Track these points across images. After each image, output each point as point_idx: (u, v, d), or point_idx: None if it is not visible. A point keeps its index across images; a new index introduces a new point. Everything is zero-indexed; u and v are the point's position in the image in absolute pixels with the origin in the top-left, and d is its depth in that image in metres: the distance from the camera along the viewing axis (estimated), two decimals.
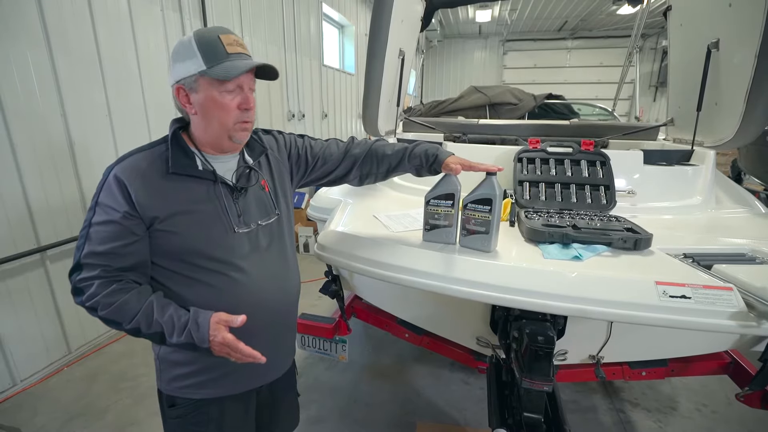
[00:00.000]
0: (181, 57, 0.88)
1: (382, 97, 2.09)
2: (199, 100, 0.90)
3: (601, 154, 1.66)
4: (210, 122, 0.93)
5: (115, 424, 2.10)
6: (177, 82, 0.90)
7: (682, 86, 2.12)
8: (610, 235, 1.21)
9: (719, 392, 2.33)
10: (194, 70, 0.87)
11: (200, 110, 0.91)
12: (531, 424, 1.42)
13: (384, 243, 1.29)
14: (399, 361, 2.65)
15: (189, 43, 0.88)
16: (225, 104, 0.91)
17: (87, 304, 0.89)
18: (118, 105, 2.83)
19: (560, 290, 1.02)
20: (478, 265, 1.12)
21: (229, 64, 0.88)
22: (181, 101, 0.91)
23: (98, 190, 0.90)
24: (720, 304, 0.95)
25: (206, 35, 0.89)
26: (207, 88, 0.89)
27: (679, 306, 0.95)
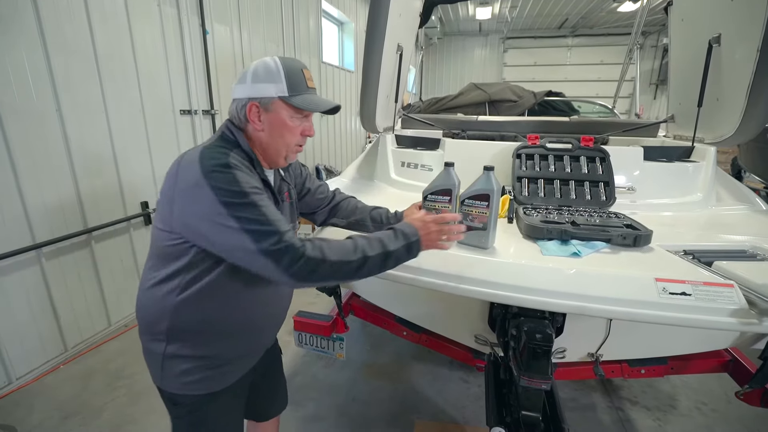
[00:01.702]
0: (265, 78, 0.97)
1: (380, 93, 2.06)
2: (269, 119, 0.99)
3: (601, 150, 1.64)
4: (274, 140, 1.01)
5: (111, 423, 2.08)
6: (252, 100, 0.97)
7: (683, 82, 2.10)
8: (610, 231, 1.19)
9: (719, 390, 2.32)
10: (275, 93, 0.96)
11: (268, 128, 1.00)
12: (529, 423, 1.41)
13: None
14: (397, 359, 2.64)
15: (276, 69, 0.97)
16: (293, 128, 1.01)
17: (310, 253, 0.87)
18: (115, 102, 2.81)
19: (559, 287, 1.01)
20: (475, 262, 1.11)
21: (309, 97, 1.00)
22: (251, 117, 0.98)
23: (222, 181, 0.87)
24: (721, 301, 0.93)
25: (293, 66, 0.99)
26: (280, 111, 0.98)
27: (679, 303, 0.94)
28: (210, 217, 0.86)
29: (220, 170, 0.87)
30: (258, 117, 0.98)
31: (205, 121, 3.81)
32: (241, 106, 0.98)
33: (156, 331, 1.03)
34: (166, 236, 0.95)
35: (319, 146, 6.48)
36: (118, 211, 2.93)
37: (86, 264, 2.73)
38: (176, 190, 0.89)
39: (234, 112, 1.01)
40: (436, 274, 1.11)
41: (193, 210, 0.88)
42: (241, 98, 0.98)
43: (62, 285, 2.56)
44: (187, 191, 0.88)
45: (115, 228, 2.91)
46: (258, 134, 1.00)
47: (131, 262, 3.10)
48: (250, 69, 0.98)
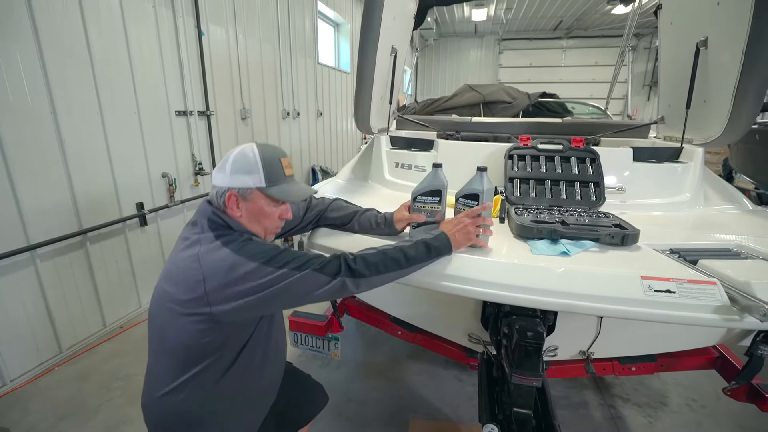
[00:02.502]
0: (243, 170, 1.01)
1: (374, 95, 2.08)
2: (248, 207, 1.03)
3: (591, 151, 1.67)
4: (252, 225, 1.06)
5: (107, 423, 2.09)
6: (231, 189, 1.01)
7: (673, 84, 2.14)
8: (598, 231, 1.22)
9: (708, 387, 2.36)
10: (252, 184, 1.01)
11: (246, 215, 1.04)
12: (520, 419, 1.43)
13: (374, 240, 1.30)
14: (392, 358, 2.66)
15: (254, 160, 1.01)
16: (270, 214, 1.06)
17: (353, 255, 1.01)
18: (110, 103, 2.81)
19: (548, 286, 1.03)
20: (467, 261, 1.13)
21: (286, 188, 1.05)
22: (230, 205, 1.02)
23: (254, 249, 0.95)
24: (704, 298, 0.96)
25: (270, 156, 1.03)
26: (258, 200, 1.03)
27: (663, 300, 0.96)
28: (270, 283, 0.91)
29: (245, 243, 0.96)
30: (236, 205, 1.02)
31: (201, 122, 3.81)
32: (221, 194, 1.02)
33: (177, 429, 1.05)
34: (207, 332, 0.96)
35: (315, 147, 6.49)
36: (113, 212, 2.93)
37: (81, 265, 2.73)
38: (212, 287, 0.91)
39: (215, 198, 1.04)
40: (429, 274, 1.13)
41: (246, 289, 0.91)
42: (221, 186, 1.02)
43: (57, 286, 2.56)
44: (228, 280, 0.91)
45: (110, 229, 2.91)
46: (237, 220, 1.04)
47: (126, 263, 3.10)
48: (230, 158, 1.02)
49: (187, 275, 0.94)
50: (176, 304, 0.96)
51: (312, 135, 6.32)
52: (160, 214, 3.39)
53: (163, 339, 1.02)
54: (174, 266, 0.99)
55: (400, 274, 1.03)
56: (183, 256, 0.97)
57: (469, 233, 1.11)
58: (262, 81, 4.82)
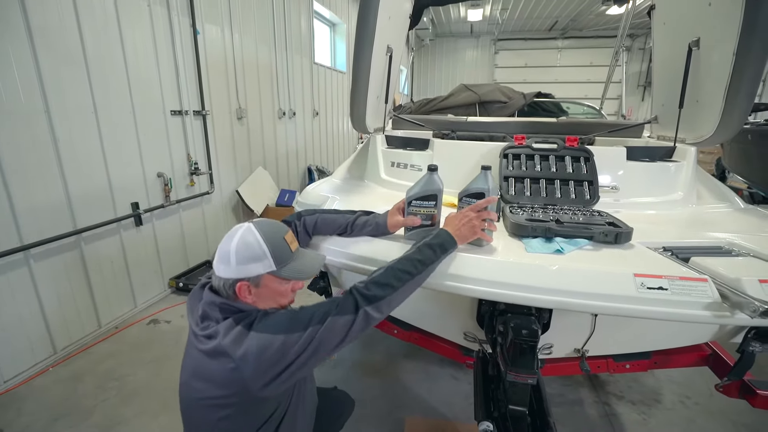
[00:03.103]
0: (250, 259, 0.98)
1: (370, 94, 2.08)
2: (261, 292, 1.02)
3: (585, 150, 1.68)
4: (266, 304, 1.05)
5: (101, 424, 2.08)
6: (241, 280, 0.98)
7: (666, 84, 2.16)
8: (592, 229, 1.23)
9: (701, 384, 2.38)
10: (263, 270, 0.99)
11: (259, 298, 1.02)
12: (515, 417, 1.44)
13: (369, 238, 1.30)
14: (388, 357, 2.66)
15: (259, 247, 0.98)
16: (284, 291, 1.06)
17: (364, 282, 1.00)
18: (105, 102, 2.80)
19: (542, 283, 1.04)
20: (462, 260, 1.13)
21: (296, 265, 1.04)
22: (241, 295, 1.00)
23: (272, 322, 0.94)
24: (695, 294, 0.97)
25: (274, 237, 1.02)
26: (271, 284, 1.02)
27: (656, 297, 0.97)
28: (302, 347, 0.90)
29: (264, 319, 0.94)
30: (248, 292, 1.01)
31: (196, 121, 3.80)
32: (229, 285, 1.00)
33: None
34: (251, 412, 0.98)
35: (311, 147, 6.48)
36: (108, 212, 2.91)
37: (76, 266, 2.71)
38: (249, 374, 0.89)
39: (222, 289, 1.01)
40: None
41: (284, 364, 0.90)
42: (227, 278, 0.99)
43: (51, 287, 2.54)
44: (262, 362, 0.89)
45: (105, 229, 2.89)
46: (251, 304, 1.02)
47: (121, 264, 3.08)
48: (232, 250, 0.98)
49: (217, 370, 0.92)
50: (212, 400, 0.95)
51: (308, 135, 6.32)
52: (155, 214, 3.37)
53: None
54: (196, 362, 0.97)
55: (415, 284, 1.01)
56: (205, 350, 0.95)
57: (475, 227, 1.11)
58: (257, 80, 4.81)
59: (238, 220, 4.66)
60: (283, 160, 5.61)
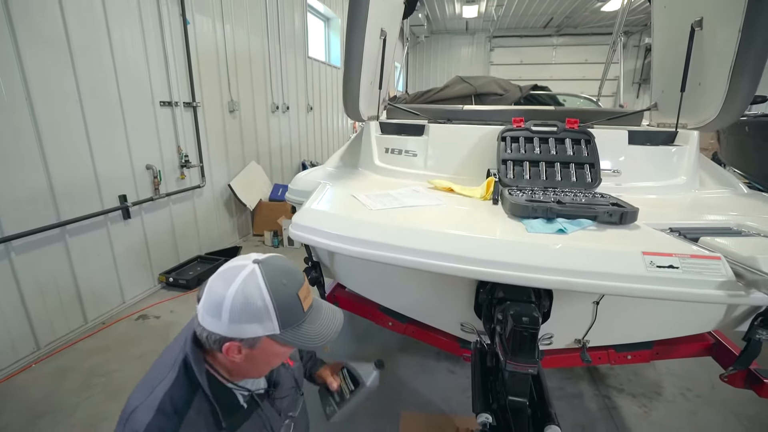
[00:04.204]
0: (249, 318, 0.75)
1: (363, 79, 2.02)
2: (255, 355, 0.80)
3: (586, 133, 1.62)
4: (258, 368, 0.87)
5: (85, 421, 2.00)
6: (231, 340, 0.76)
7: (666, 69, 2.10)
8: (595, 209, 1.17)
9: (702, 376, 2.34)
10: (262, 333, 0.77)
11: (250, 361, 0.81)
12: (515, 408, 1.38)
13: (362, 220, 1.23)
14: (384, 351, 2.60)
15: (264, 306, 0.75)
16: (282, 354, 0.85)
17: None
18: (90, 91, 2.71)
19: (544, 263, 0.97)
20: (460, 240, 1.07)
21: (309, 328, 0.81)
22: (230, 354, 0.78)
23: None
24: (708, 273, 0.91)
25: (285, 293, 0.78)
26: (270, 346, 0.80)
27: (666, 276, 0.92)
28: None
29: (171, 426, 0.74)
30: (238, 353, 0.79)
31: (187, 113, 3.71)
32: (215, 341, 0.78)
33: None
34: None
35: (305, 142, 6.40)
36: (94, 204, 2.82)
37: (60, 259, 2.62)
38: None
39: (204, 339, 0.79)
40: (419, 253, 1.07)
41: None
42: (215, 333, 0.77)
43: (34, 281, 2.45)
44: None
45: (91, 221, 2.80)
46: (235, 366, 0.83)
47: (109, 258, 2.99)
48: (227, 302, 0.74)
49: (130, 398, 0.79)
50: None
51: (302, 129, 6.23)
52: (144, 207, 3.28)
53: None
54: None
55: None
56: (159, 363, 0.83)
57: None
58: (250, 73, 4.72)
59: (231, 214, 4.58)
60: (277, 154, 5.52)
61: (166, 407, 0.75)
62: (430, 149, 1.85)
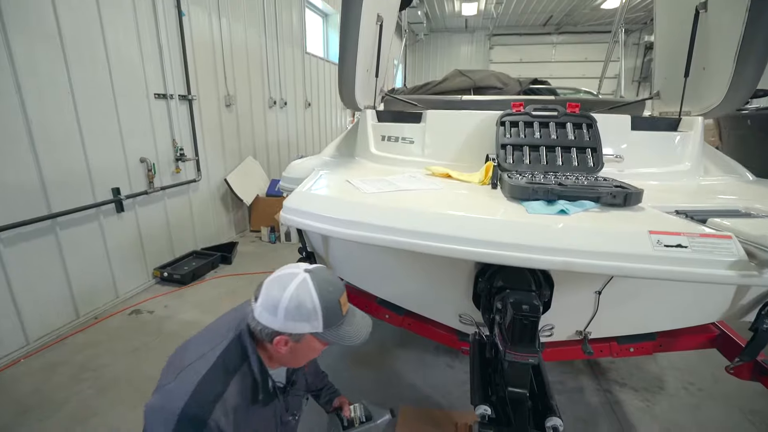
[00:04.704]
0: (300, 318, 0.92)
1: (360, 66, 1.97)
2: (297, 348, 0.97)
3: (588, 117, 1.57)
4: (297, 359, 1.03)
5: (74, 416, 1.94)
6: (283, 334, 0.93)
7: (669, 55, 2.06)
8: (598, 190, 1.12)
9: (705, 371, 2.29)
10: (309, 330, 0.94)
11: (292, 353, 0.98)
12: (515, 399, 1.33)
13: (357, 202, 1.19)
14: (381, 346, 2.55)
15: (314, 309, 0.92)
16: (318, 350, 1.02)
17: None
18: (82, 82, 2.65)
19: (545, 242, 0.93)
20: (457, 220, 1.02)
21: (345, 330, 0.98)
22: (278, 347, 0.95)
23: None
24: (718, 253, 0.87)
25: (330, 298, 0.94)
26: (312, 342, 0.97)
27: (675, 256, 0.87)
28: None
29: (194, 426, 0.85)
30: (285, 345, 0.95)
31: (182, 106, 3.66)
32: (267, 334, 0.94)
33: None
34: None
35: (303, 137, 6.35)
36: (86, 197, 2.77)
37: (51, 252, 2.57)
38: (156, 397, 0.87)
39: (257, 331, 0.96)
40: (417, 234, 1.02)
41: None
42: (269, 327, 0.93)
43: (23, 274, 2.40)
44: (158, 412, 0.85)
45: (83, 214, 2.75)
46: (279, 355, 1.00)
47: (101, 251, 2.94)
48: (283, 303, 0.91)
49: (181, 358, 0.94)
50: None
51: (300, 125, 6.18)
52: (138, 200, 3.23)
53: None
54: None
55: None
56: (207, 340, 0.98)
57: None
58: (247, 68, 4.67)
59: (227, 210, 4.53)
60: (274, 149, 5.47)
61: (218, 366, 0.93)
62: (427, 136, 1.80)
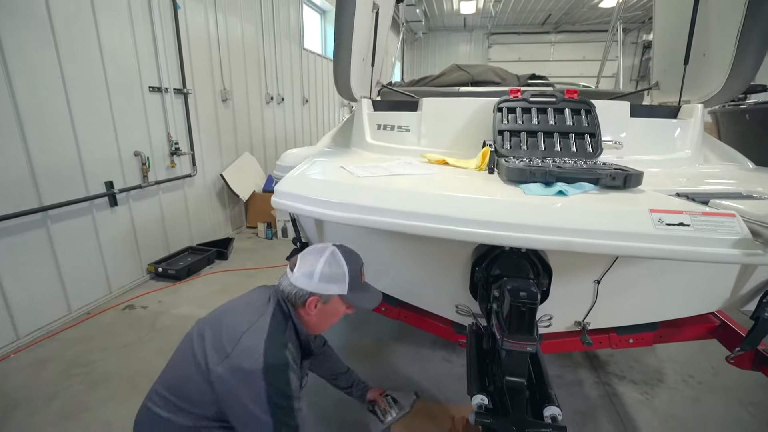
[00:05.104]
0: (332, 280, 1.14)
1: (355, 55, 1.94)
2: (325, 309, 1.17)
3: (586, 102, 1.55)
4: (322, 324, 1.21)
5: (63, 412, 1.90)
6: (315, 295, 1.14)
7: (669, 44, 2.04)
8: (597, 172, 1.09)
9: (704, 363, 2.27)
10: (337, 291, 1.15)
11: (320, 316, 1.17)
12: (513, 389, 1.30)
13: (351, 184, 1.15)
14: (378, 340, 2.52)
15: (343, 274, 1.15)
16: (339, 314, 1.22)
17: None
18: (74, 73, 2.61)
19: (543, 222, 0.90)
20: (454, 201, 0.99)
21: (362, 296, 1.22)
22: (309, 307, 1.14)
23: (278, 381, 1.05)
24: (722, 231, 0.84)
25: (354, 266, 1.18)
26: (337, 304, 1.18)
27: (677, 234, 0.84)
28: (253, 406, 1.00)
29: (279, 369, 1.04)
30: (314, 307, 1.15)
31: (177, 100, 3.62)
32: (301, 295, 1.14)
33: None
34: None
35: (301, 135, 6.32)
36: (79, 190, 2.73)
37: (42, 246, 2.53)
38: (227, 365, 1.01)
39: (292, 295, 1.15)
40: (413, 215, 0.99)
41: (239, 392, 1.01)
42: (303, 289, 1.14)
43: (13, 268, 2.35)
44: (240, 373, 1.00)
45: (75, 208, 2.71)
46: (307, 318, 1.17)
47: (94, 246, 2.90)
48: (318, 269, 1.13)
49: (228, 335, 1.06)
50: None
51: (297, 122, 6.14)
52: (132, 194, 3.19)
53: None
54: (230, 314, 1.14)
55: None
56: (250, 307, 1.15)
57: None
58: (244, 63, 4.63)
59: (224, 206, 4.49)
60: (272, 145, 5.43)
61: (274, 326, 1.09)
62: (423, 124, 1.77)
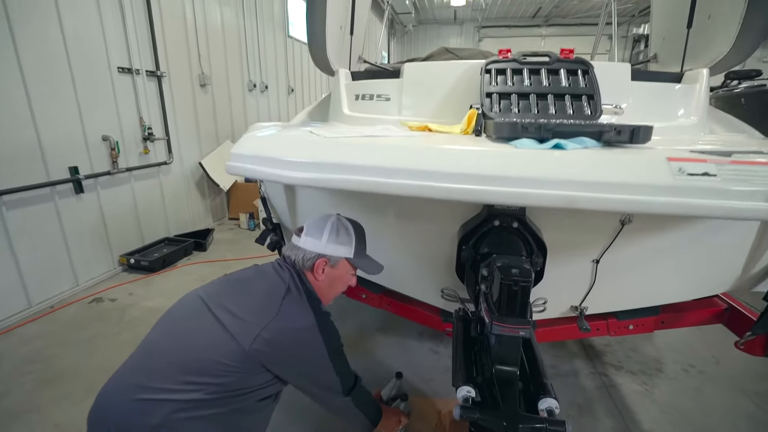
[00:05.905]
0: (339, 242, 1.16)
1: (330, 20, 1.77)
2: (332, 273, 1.18)
3: (583, 62, 1.40)
4: (330, 291, 1.21)
5: (9, 411, 1.72)
6: (323, 257, 1.15)
7: (668, 11, 1.90)
8: (600, 126, 0.94)
9: (705, 353, 2.15)
10: (344, 254, 1.17)
11: (328, 280, 1.18)
12: (504, 379, 1.16)
13: (325, 142, 0.99)
14: (360, 331, 2.36)
15: (348, 235, 1.17)
16: (346, 281, 1.24)
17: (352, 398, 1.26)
18: (30, 51, 2.40)
19: (540, 174, 0.74)
20: (433, 152, 0.84)
21: (367, 261, 1.24)
22: (317, 270, 1.15)
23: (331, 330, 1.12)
24: (756, 182, 0.69)
25: (359, 233, 1.21)
26: (344, 268, 1.20)
27: (701, 185, 0.69)
28: (315, 360, 1.06)
29: (328, 322, 1.10)
30: (322, 270, 1.15)
31: (150, 83, 3.41)
32: (309, 258, 1.14)
33: None
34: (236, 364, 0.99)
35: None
36: (38, 175, 2.53)
37: None
38: (276, 328, 0.99)
39: (299, 259, 1.15)
40: (389, 172, 0.83)
41: (298, 351, 1.04)
42: (311, 251, 1.14)
43: None
44: (294, 333, 1.02)
45: (34, 194, 2.50)
46: (317, 284, 1.16)
47: (58, 235, 2.69)
48: (327, 229, 1.14)
49: (263, 301, 1.04)
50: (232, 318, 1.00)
51: (283, 111, 5.94)
52: (100, 181, 2.99)
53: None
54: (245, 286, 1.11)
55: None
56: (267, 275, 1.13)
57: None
58: (224, 47, 4.43)
59: (203, 196, 4.29)
60: None
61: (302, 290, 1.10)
62: (405, 91, 1.61)
